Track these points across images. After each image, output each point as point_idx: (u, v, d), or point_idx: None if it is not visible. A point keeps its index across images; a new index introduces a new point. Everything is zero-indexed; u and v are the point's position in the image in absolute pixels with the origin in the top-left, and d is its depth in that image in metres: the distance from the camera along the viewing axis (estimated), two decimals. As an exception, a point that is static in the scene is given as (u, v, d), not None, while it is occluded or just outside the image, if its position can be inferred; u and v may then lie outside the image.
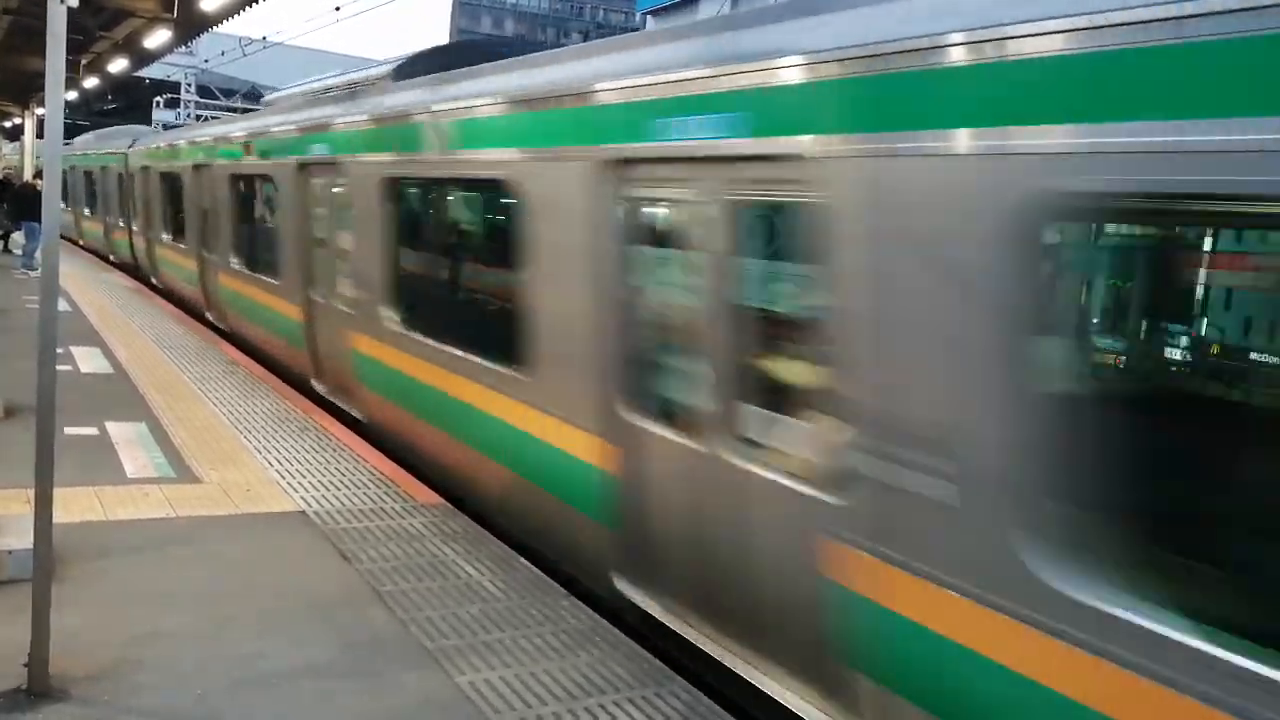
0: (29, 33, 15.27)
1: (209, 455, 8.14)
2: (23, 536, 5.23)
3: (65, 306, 14.63)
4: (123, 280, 20.95)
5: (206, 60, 40.55)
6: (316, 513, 6.93)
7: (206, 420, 9.28)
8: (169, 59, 32.03)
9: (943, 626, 3.78)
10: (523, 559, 6.32)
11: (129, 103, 44.50)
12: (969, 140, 3.56)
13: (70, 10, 4.35)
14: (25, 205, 20.20)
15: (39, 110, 30.29)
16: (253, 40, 35.46)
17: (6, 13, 12.98)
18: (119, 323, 14.72)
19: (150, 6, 16.29)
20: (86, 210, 28.87)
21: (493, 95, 6.88)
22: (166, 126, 34.12)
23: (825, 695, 4.50)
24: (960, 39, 3.58)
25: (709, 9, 38.27)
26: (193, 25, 17.88)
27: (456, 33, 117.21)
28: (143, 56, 22.04)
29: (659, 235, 5.61)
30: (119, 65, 23.17)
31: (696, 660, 5.28)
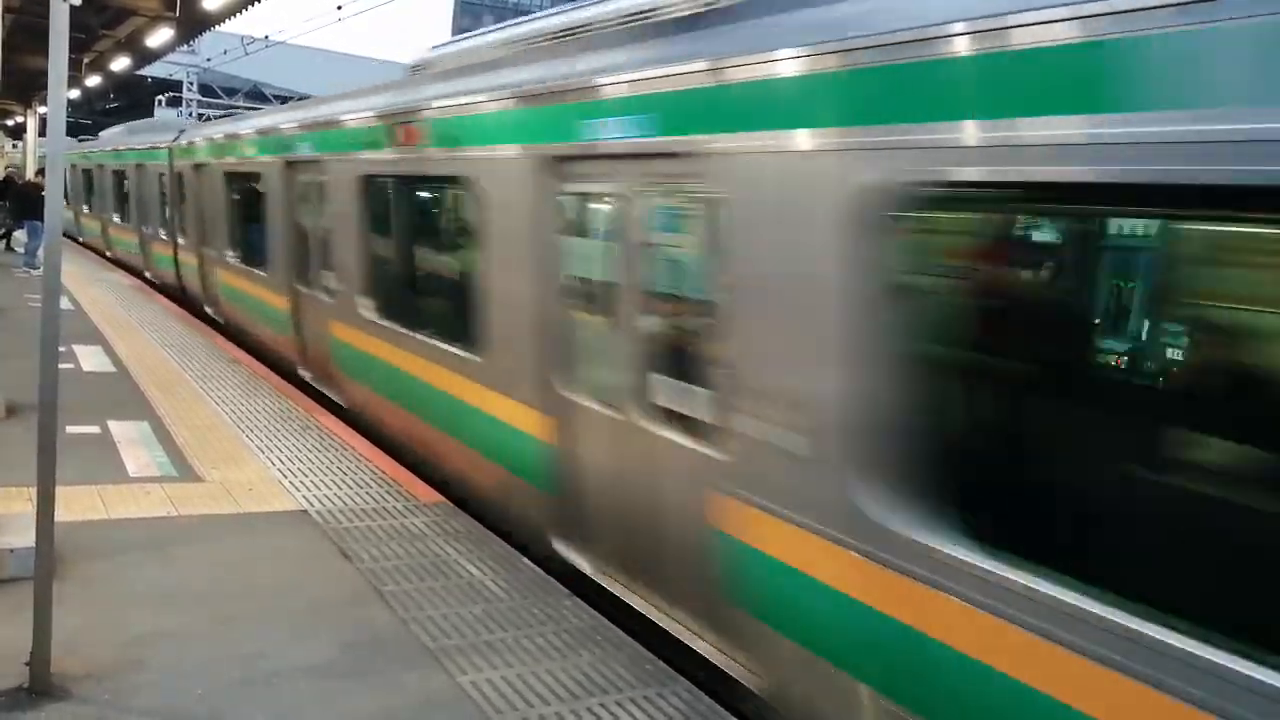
0: (31, 31, 15.24)
1: (211, 454, 8.14)
2: (24, 535, 5.23)
3: (67, 305, 14.63)
4: (124, 278, 20.95)
5: (209, 59, 40.58)
6: (318, 512, 6.93)
7: (208, 419, 9.28)
8: (171, 58, 32.03)
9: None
10: (525, 559, 6.32)
11: (131, 101, 44.54)
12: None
13: (73, 8, 4.35)
14: (28, 204, 20.18)
15: (41, 109, 30.29)
16: (255, 39, 35.47)
17: (9, 11, 12.96)
18: (120, 321, 14.73)
19: (153, 5, 16.29)
20: (115, 217, 24.35)
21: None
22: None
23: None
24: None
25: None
26: (195, 24, 17.87)
27: (458, 32, 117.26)
28: (145, 55, 22.03)
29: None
30: (121, 64, 23.15)
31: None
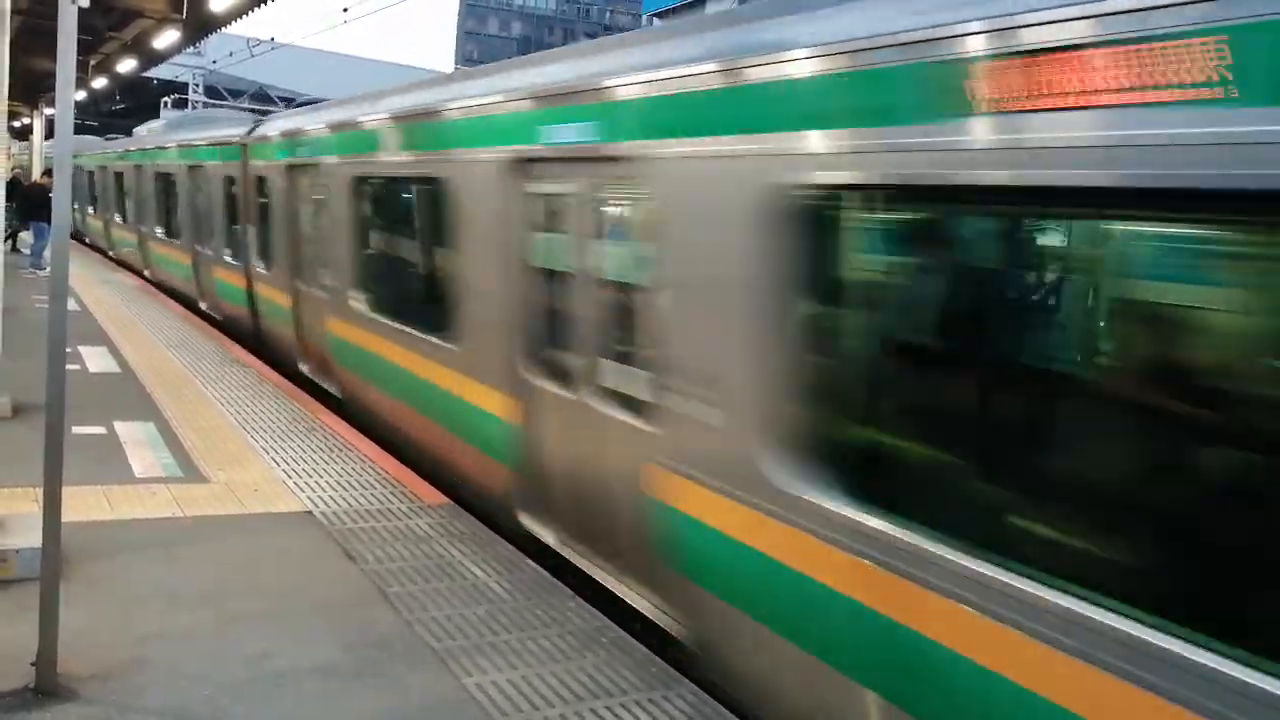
0: (37, 33, 15.30)
1: (216, 455, 8.15)
2: (30, 535, 5.24)
3: (73, 306, 14.67)
4: (129, 279, 20.99)
5: (214, 61, 40.64)
6: (323, 513, 6.93)
7: (214, 420, 9.29)
8: (177, 59, 32.03)
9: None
10: (529, 560, 6.32)
11: (137, 103, 44.63)
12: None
13: (80, 10, 4.36)
14: (34, 204, 20.22)
15: (48, 110, 30.39)
16: (260, 41, 35.50)
17: (16, 13, 13.00)
18: (126, 322, 14.76)
19: (159, 7, 16.33)
20: (159, 230, 19.90)
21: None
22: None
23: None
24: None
25: (716, 10, 38.27)
26: (201, 26, 17.89)
27: (463, 34, 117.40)
28: (151, 57, 22.08)
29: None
30: (127, 66, 23.20)
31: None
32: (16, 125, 39.38)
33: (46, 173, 25.29)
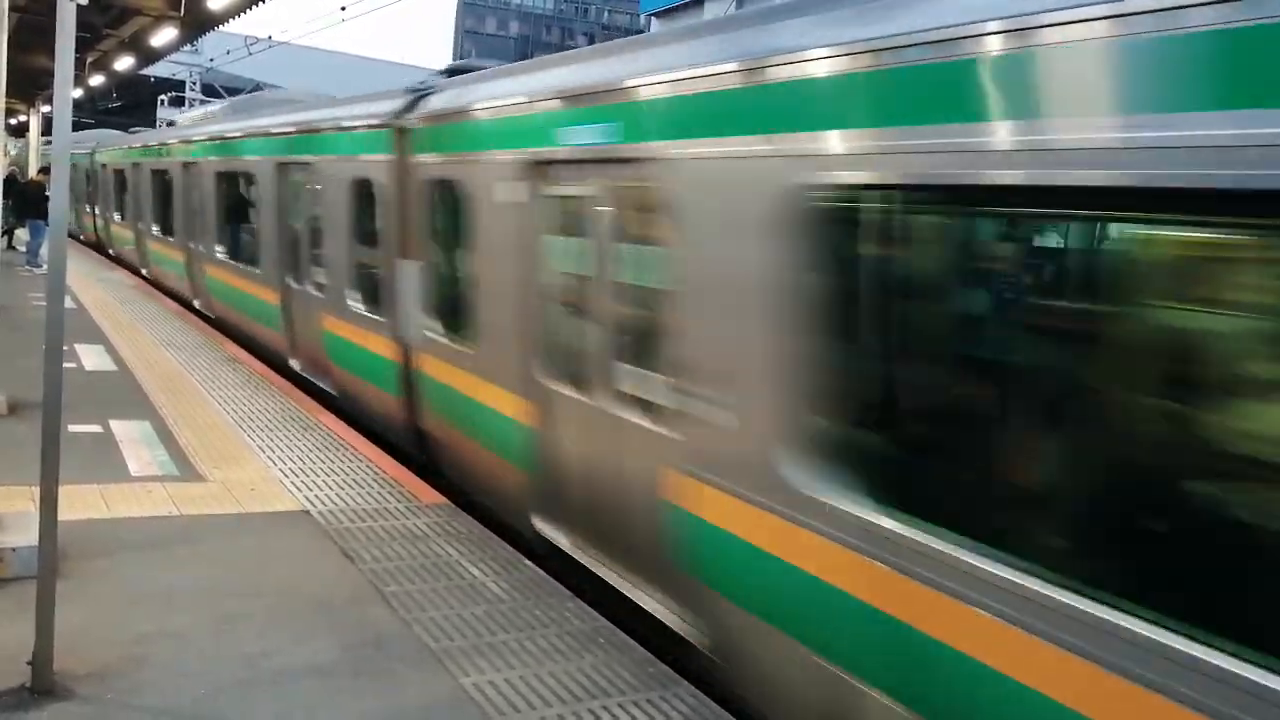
0: (35, 30, 15.26)
1: (213, 454, 8.14)
2: (26, 533, 5.23)
3: (69, 304, 14.56)
4: (126, 277, 20.96)
5: (212, 59, 40.59)
6: (320, 512, 6.92)
7: (210, 418, 9.28)
8: (174, 57, 32.00)
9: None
10: (528, 561, 6.31)
11: (134, 101, 44.58)
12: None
13: (78, 7, 4.34)
14: (30, 202, 20.18)
15: (45, 107, 30.32)
16: (258, 39, 35.43)
17: (13, 10, 12.95)
18: (122, 320, 14.73)
19: (157, 5, 16.28)
20: (220, 250, 14.48)
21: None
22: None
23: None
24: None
25: (715, 11, 38.24)
26: (199, 24, 17.84)
27: (461, 33, 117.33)
28: (149, 55, 22.01)
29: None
30: (125, 63, 23.12)
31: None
32: (13, 122, 39.34)
33: (43, 170, 25.27)
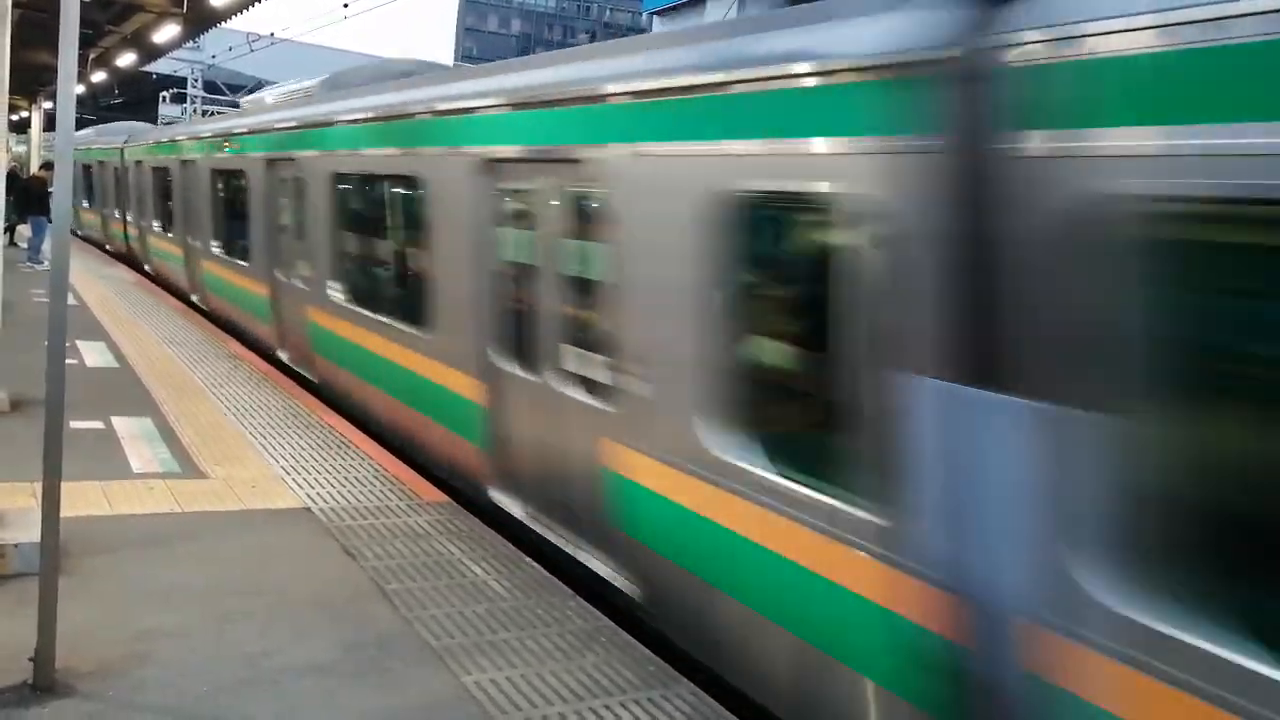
0: (36, 26, 15.26)
1: (214, 451, 8.14)
2: (28, 530, 5.23)
3: (71, 300, 14.58)
4: (127, 274, 20.95)
5: (214, 56, 40.61)
6: (322, 510, 6.92)
7: (212, 415, 9.28)
8: (176, 54, 32.02)
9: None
10: (529, 559, 6.32)
11: (135, 97, 44.58)
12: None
13: (81, 4, 4.35)
14: (32, 198, 20.17)
15: (46, 103, 30.33)
16: (260, 36, 35.44)
17: (15, 6, 12.93)
18: (124, 317, 14.73)
19: (159, 2, 16.29)
20: (337, 289, 10.06)
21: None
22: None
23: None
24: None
25: (715, 11, 38.22)
26: (201, 20, 17.85)
27: (463, 30, 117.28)
28: (151, 51, 22.01)
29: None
30: (127, 60, 23.12)
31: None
32: (15, 119, 39.34)
33: (44, 166, 25.26)
